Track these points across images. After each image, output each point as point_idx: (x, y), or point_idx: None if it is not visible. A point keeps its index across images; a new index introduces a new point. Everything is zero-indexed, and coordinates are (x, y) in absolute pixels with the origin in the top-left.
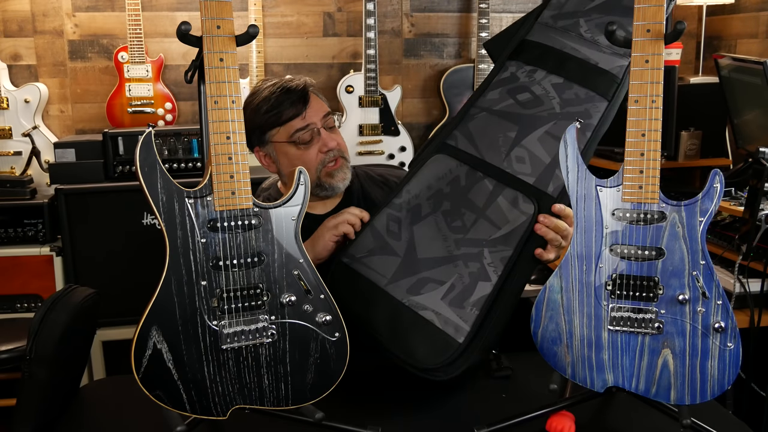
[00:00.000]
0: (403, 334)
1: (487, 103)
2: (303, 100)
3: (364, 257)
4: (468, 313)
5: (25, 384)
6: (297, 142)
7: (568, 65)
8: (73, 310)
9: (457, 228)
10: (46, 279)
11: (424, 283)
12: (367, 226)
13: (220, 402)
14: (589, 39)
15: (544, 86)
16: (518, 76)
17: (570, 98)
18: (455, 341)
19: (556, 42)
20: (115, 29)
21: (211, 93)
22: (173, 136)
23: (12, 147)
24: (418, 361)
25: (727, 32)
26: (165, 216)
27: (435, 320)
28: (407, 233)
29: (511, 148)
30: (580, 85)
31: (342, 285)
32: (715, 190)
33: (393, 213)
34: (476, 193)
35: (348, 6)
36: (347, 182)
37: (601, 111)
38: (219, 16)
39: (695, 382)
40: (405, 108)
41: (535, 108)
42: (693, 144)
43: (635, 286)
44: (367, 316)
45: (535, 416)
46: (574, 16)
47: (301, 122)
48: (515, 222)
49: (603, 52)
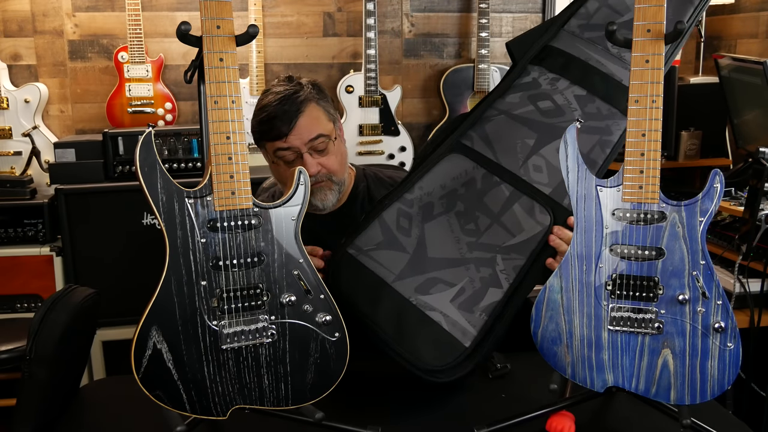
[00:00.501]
0: (408, 333)
1: (507, 106)
2: (291, 121)
3: (372, 250)
4: (477, 318)
5: (25, 384)
6: (279, 158)
7: (592, 78)
8: (73, 310)
9: (470, 231)
10: (46, 279)
11: (434, 284)
12: (375, 218)
13: (220, 402)
14: (615, 54)
15: (566, 96)
16: (540, 82)
17: (592, 112)
18: (462, 345)
19: (582, 53)
20: (115, 29)
21: (211, 93)
22: (173, 136)
23: (12, 147)
24: (423, 361)
25: (727, 32)
26: (165, 216)
27: (443, 322)
28: (418, 230)
29: (529, 156)
30: (603, 101)
31: (346, 277)
32: (715, 190)
33: (404, 208)
34: (492, 198)
35: (348, 6)
36: (331, 201)
37: (622, 129)
38: (219, 16)
39: (695, 382)
40: (405, 108)
41: (556, 117)
42: (693, 144)
43: (635, 286)
44: (372, 311)
45: (535, 416)
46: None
47: (282, 143)
48: (531, 231)
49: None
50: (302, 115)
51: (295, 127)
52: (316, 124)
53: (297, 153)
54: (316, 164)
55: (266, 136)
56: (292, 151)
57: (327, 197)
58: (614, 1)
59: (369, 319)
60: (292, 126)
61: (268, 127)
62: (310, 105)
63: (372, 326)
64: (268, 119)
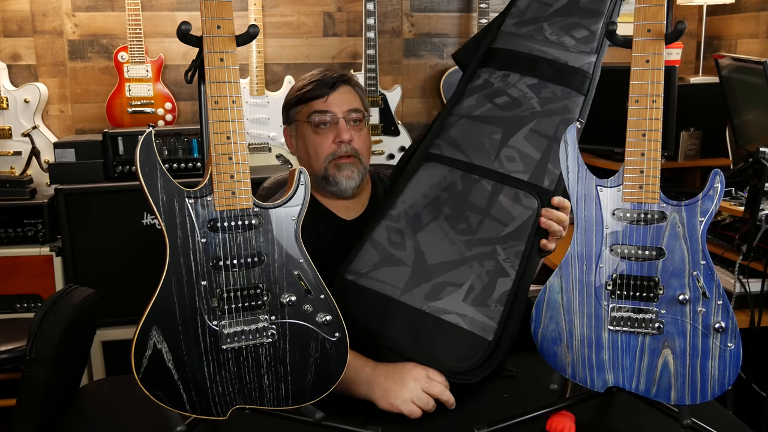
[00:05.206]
0: (427, 342)
1: (465, 110)
2: (331, 86)
3: (371, 271)
4: (493, 311)
5: (25, 384)
6: (313, 123)
7: (539, 66)
8: (73, 311)
9: (463, 230)
10: (46, 279)
11: (442, 288)
12: (366, 240)
13: (220, 402)
14: (554, 41)
15: (520, 88)
16: (492, 81)
17: (548, 96)
18: (485, 340)
19: (523, 47)
20: (115, 29)
21: (212, 93)
22: (173, 136)
23: (12, 147)
24: (447, 365)
25: (727, 32)
26: (165, 216)
27: (461, 322)
28: (412, 242)
29: (500, 150)
30: (555, 83)
31: (350, 303)
32: (715, 190)
33: (392, 224)
34: (476, 195)
35: (348, 6)
36: (354, 183)
37: (579, 105)
38: (219, 16)
39: (695, 382)
40: (405, 108)
41: (516, 109)
42: (693, 144)
43: (635, 286)
44: (385, 330)
45: (535, 416)
46: (537, 21)
47: (321, 105)
48: (522, 217)
49: (570, 52)
50: (344, 86)
51: (337, 91)
52: (355, 100)
53: (334, 119)
54: (348, 131)
55: (306, 97)
56: (329, 114)
57: (353, 175)
58: None
59: (383, 336)
60: (335, 89)
61: (310, 88)
62: (351, 84)
63: (387, 343)
64: (310, 83)
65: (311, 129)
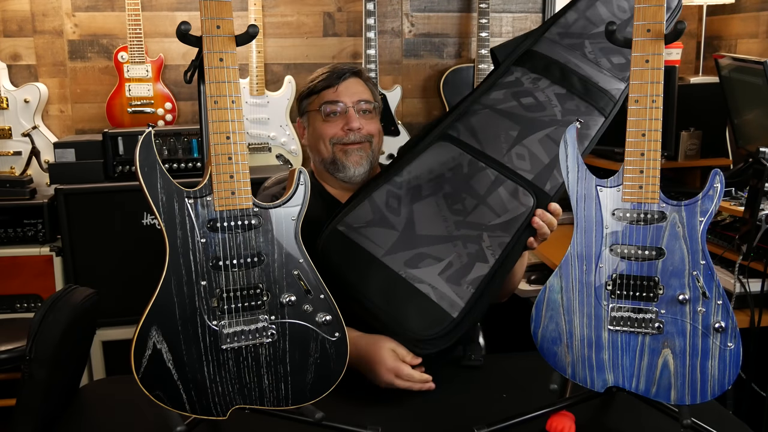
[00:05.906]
0: (397, 305)
1: (491, 101)
2: (344, 74)
3: (362, 227)
4: (464, 291)
5: (25, 384)
6: (324, 112)
7: (571, 79)
8: (73, 311)
9: (457, 210)
10: (46, 279)
11: (422, 258)
12: (365, 198)
13: (220, 402)
14: (592, 59)
15: (547, 94)
16: (523, 81)
17: (571, 108)
18: (449, 315)
19: (561, 57)
20: (115, 29)
21: (211, 93)
22: (173, 136)
23: (12, 147)
24: (411, 331)
25: (727, 32)
26: (165, 216)
27: (431, 294)
28: (406, 210)
29: (513, 146)
30: (581, 99)
31: (336, 252)
32: (715, 190)
33: (393, 189)
34: (478, 181)
35: (348, 6)
36: (362, 169)
37: (599, 125)
38: (219, 16)
39: (695, 382)
40: (405, 108)
41: (538, 112)
42: (693, 144)
43: (635, 286)
44: (361, 284)
45: (535, 416)
46: (581, 37)
47: (331, 95)
48: (515, 212)
49: (603, 73)
50: (354, 77)
51: (347, 81)
52: (365, 92)
53: (343, 109)
54: (357, 120)
55: (317, 87)
56: (339, 104)
57: (361, 162)
58: (591, 14)
59: (358, 290)
60: (345, 79)
61: (321, 79)
62: (362, 77)
63: (360, 297)
64: (321, 74)
65: (321, 118)
